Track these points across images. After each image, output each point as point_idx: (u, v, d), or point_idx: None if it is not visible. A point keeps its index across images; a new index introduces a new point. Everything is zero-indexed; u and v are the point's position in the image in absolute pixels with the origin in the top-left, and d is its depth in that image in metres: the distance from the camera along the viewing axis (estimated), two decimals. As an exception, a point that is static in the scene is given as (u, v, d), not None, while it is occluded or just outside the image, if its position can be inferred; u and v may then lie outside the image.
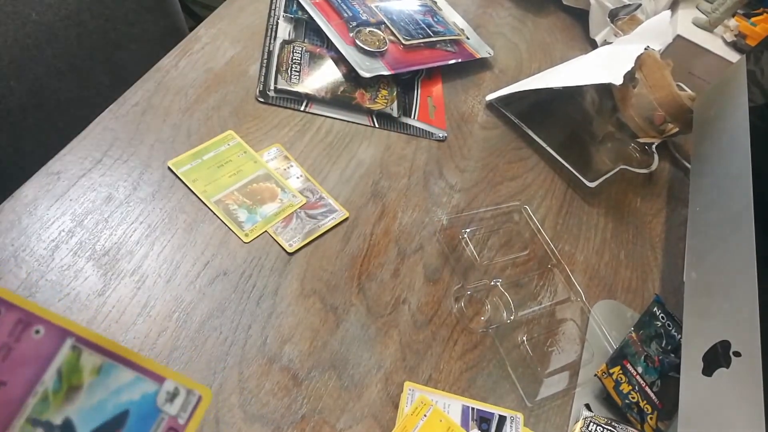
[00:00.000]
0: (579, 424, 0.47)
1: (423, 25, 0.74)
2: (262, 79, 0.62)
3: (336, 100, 0.64)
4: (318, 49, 0.68)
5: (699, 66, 0.82)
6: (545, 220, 0.63)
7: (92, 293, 0.43)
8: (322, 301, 0.49)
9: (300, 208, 0.53)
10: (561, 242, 0.62)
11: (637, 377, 0.51)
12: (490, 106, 0.72)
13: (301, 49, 0.67)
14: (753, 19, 0.85)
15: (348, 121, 0.63)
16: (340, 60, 0.67)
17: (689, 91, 0.76)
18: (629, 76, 0.72)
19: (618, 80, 0.64)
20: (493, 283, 0.55)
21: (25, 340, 0.21)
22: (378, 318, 0.50)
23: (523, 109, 0.72)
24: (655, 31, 0.77)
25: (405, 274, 0.53)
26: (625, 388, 0.50)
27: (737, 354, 0.43)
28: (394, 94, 0.68)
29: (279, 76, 0.63)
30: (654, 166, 0.72)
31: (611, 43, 0.85)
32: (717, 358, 0.45)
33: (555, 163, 0.69)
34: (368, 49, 0.68)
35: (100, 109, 0.53)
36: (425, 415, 0.45)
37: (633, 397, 0.50)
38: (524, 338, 0.53)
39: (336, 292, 0.50)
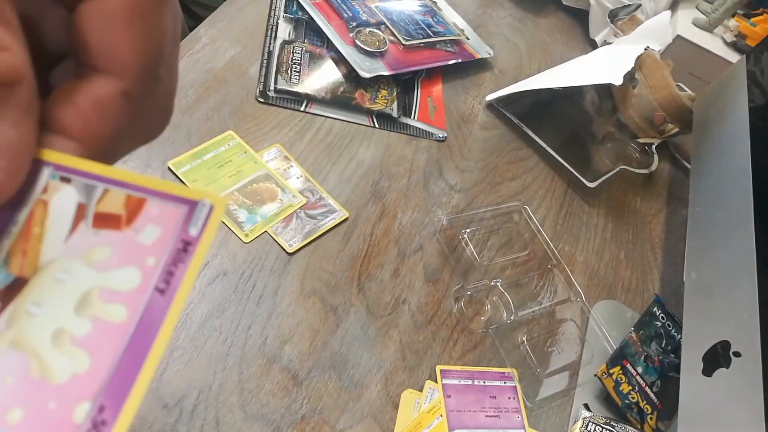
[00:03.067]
0: (578, 424, 0.47)
1: (423, 26, 0.74)
2: (262, 79, 0.62)
3: (336, 100, 0.64)
4: (318, 50, 0.68)
5: (699, 66, 0.82)
6: (545, 220, 0.63)
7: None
8: (322, 301, 0.49)
9: (300, 208, 0.53)
10: (561, 242, 0.62)
11: (637, 377, 0.51)
12: (490, 106, 0.72)
13: (301, 49, 0.67)
14: (753, 20, 0.85)
15: (348, 122, 0.63)
16: (340, 60, 0.67)
17: (689, 91, 0.76)
18: (629, 77, 0.72)
19: (618, 80, 0.64)
20: (493, 284, 0.55)
21: None
22: (378, 318, 0.50)
23: (523, 110, 0.72)
24: (655, 31, 0.77)
25: (405, 274, 0.53)
26: (625, 388, 0.50)
27: (737, 354, 0.43)
28: (394, 94, 0.68)
29: (279, 77, 0.63)
30: (654, 167, 0.72)
31: (611, 43, 0.85)
32: (717, 358, 0.45)
33: (555, 164, 0.69)
34: (368, 49, 0.68)
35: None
36: (441, 416, 0.45)
37: (633, 398, 0.50)
38: (524, 338, 0.53)
39: (336, 293, 0.50)
